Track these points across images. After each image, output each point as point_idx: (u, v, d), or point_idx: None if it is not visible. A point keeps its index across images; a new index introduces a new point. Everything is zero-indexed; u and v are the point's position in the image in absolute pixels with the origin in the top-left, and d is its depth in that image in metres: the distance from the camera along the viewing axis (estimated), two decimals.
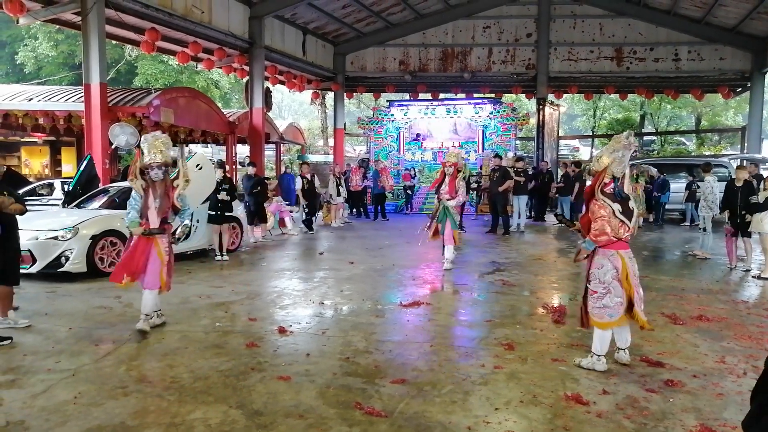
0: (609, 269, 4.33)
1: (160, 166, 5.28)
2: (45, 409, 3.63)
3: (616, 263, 4.32)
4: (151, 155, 5.26)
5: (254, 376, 4.21)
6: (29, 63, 24.91)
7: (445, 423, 3.49)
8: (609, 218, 4.29)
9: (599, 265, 4.37)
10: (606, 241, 4.31)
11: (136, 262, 5.28)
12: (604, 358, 4.37)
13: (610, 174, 4.35)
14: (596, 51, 19.13)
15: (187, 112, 14.23)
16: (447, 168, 8.37)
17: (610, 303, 4.33)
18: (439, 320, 5.77)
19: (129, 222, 5.32)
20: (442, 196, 8.34)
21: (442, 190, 8.39)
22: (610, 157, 4.35)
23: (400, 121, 19.72)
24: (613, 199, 4.32)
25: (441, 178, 8.50)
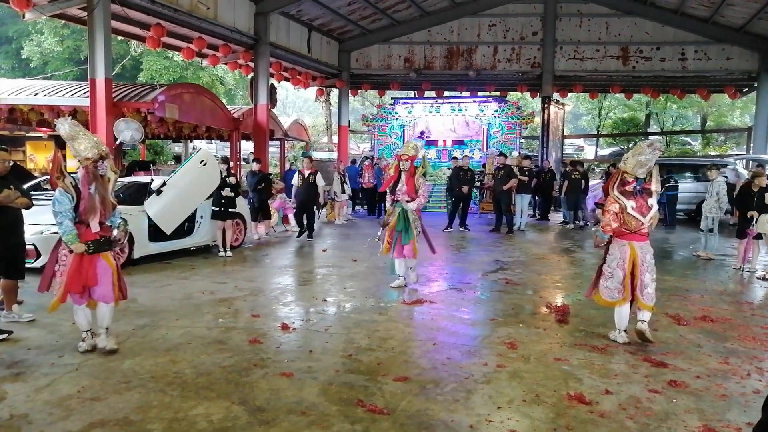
0: (616, 257, 5.00)
1: (104, 159, 4.55)
2: (48, 403, 3.64)
3: (625, 254, 4.95)
4: (99, 145, 4.54)
5: (257, 373, 4.22)
6: (35, 58, 24.95)
7: (447, 421, 3.48)
8: (618, 213, 4.94)
9: (611, 252, 5.08)
10: (610, 231, 5.01)
11: (85, 276, 4.47)
12: (624, 333, 5.07)
13: (633, 174, 4.93)
14: (602, 50, 19.04)
15: (192, 108, 14.23)
16: (403, 162, 6.90)
17: (611, 286, 5.04)
18: (442, 318, 5.76)
19: (66, 236, 4.37)
20: (399, 197, 6.93)
21: (399, 190, 6.94)
22: (634, 161, 4.92)
23: (404, 119, 19.70)
24: (628, 197, 4.94)
25: (396, 176, 7.00)
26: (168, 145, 26.90)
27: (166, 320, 5.55)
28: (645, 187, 5.01)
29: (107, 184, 4.60)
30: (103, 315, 4.60)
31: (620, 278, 4.94)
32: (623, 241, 4.97)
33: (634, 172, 4.92)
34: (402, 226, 6.88)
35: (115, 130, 11.25)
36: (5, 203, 5.18)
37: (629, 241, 4.95)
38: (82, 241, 4.42)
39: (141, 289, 6.87)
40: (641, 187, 4.98)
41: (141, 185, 9.21)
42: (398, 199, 6.91)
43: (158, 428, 3.34)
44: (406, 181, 6.89)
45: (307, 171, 11.28)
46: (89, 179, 4.46)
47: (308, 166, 11.49)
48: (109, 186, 4.63)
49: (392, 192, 6.99)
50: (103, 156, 4.51)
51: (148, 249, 8.44)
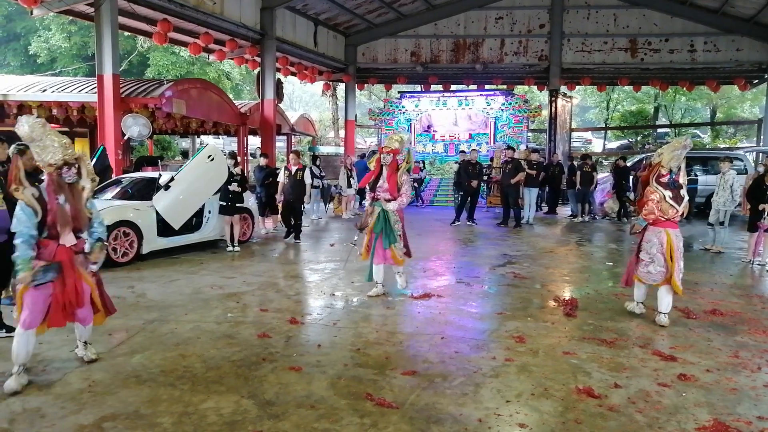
0: (655, 243, 5.45)
1: (70, 165, 3.90)
2: (60, 397, 3.67)
3: (662, 239, 5.42)
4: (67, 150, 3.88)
5: (266, 367, 4.24)
6: (43, 54, 25.05)
7: (456, 415, 3.49)
8: (659, 202, 5.38)
9: (648, 239, 5.50)
10: (654, 219, 5.43)
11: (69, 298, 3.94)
12: (642, 305, 5.69)
13: (668, 167, 5.40)
14: (610, 42, 18.90)
15: (199, 103, 14.27)
16: (384, 156, 6.16)
17: (653, 270, 5.47)
18: (450, 312, 5.76)
19: (19, 260, 3.72)
20: (379, 195, 6.19)
21: (379, 187, 6.19)
22: (670, 155, 5.38)
23: (411, 113, 19.67)
24: (665, 187, 5.40)
25: (377, 171, 6.24)
26: (175, 141, 27.00)
27: (175, 315, 5.58)
28: (675, 180, 5.46)
29: (80, 194, 3.98)
30: (81, 331, 4.24)
31: (662, 262, 5.42)
32: (659, 229, 5.44)
33: (670, 165, 5.40)
34: (381, 227, 6.14)
35: (123, 125, 11.31)
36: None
37: (665, 228, 5.42)
38: (55, 260, 3.88)
39: (150, 284, 6.91)
40: (673, 181, 5.44)
41: (149, 180, 9.25)
42: (378, 198, 6.19)
43: (168, 422, 3.36)
44: (387, 178, 6.12)
45: (295, 167, 10.41)
46: (54, 189, 3.85)
47: (295, 161, 10.54)
48: (84, 195, 4.00)
49: (372, 189, 6.25)
50: (69, 162, 3.87)
51: (157, 244, 8.48)
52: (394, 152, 6.16)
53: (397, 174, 6.16)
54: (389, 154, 6.14)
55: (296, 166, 10.43)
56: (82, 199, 4.00)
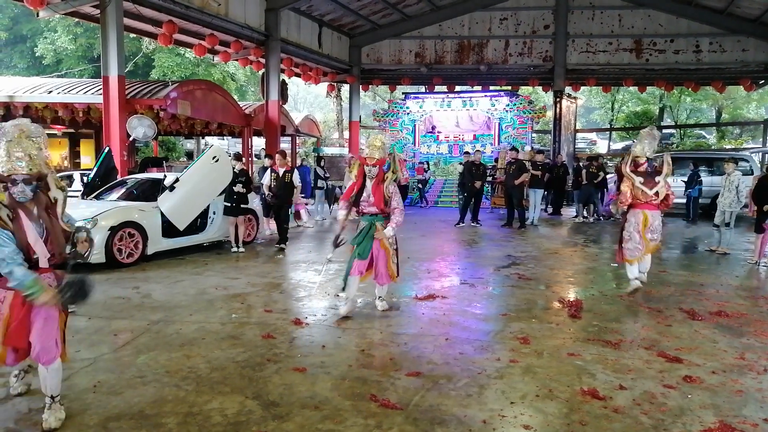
0: (632, 223, 6.33)
1: (28, 181, 3.25)
2: (66, 398, 3.68)
3: (639, 219, 6.28)
4: (13, 161, 3.24)
5: (270, 368, 4.24)
6: (48, 56, 25.18)
7: (460, 416, 3.48)
8: (632, 187, 6.25)
9: (628, 220, 6.39)
10: (624, 204, 6.35)
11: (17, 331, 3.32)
12: (637, 281, 6.38)
13: (644, 156, 6.29)
14: (615, 43, 18.88)
15: (204, 104, 14.31)
16: (368, 168, 5.43)
17: (631, 247, 6.33)
18: (454, 313, 5.75)
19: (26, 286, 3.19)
20: (365, 209, 5.52)
21: (364, 201, 5.50)
22: (641, 145, 6.30)
23: (415, 114, 19.68)
24: (638, 174, 6.26)
25: (360, 183, 5.51)
26: (180, 142, 27.08)
27: (179, 315, 5.59)
28: (657, 170, 6.31)
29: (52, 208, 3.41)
30: (49, 379, 3.37)
31: (638, 239, 6.29)
32: (638, 210, 6.31)
33: (645, 154, 6.28)
34: (361, 240, 5.49)
35: (128, 126, 11.36)
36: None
37: (642, 209, 6.28)
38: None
39: (155, 284, 6.93)
40: (653, 168, 6.32)
41: (154, 181, 9.28)
42: (365, 212, 5.53)
43: (173, 422, 3.37)
44: (372, 190, 5.45)
45: (282, 169, 9.69)
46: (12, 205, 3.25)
47: (282, 162, 9.75)
48: (57, 209, 3.45)
49: (355, 203, 5.53)
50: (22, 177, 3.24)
51: (162, 245, 8.51)
52: (379, 163, 5.43)
53: (383, 185, 5.47)
54: (375, 166, 5.42)
55: (284, 168, 9.74)
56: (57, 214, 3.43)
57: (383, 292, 5.85)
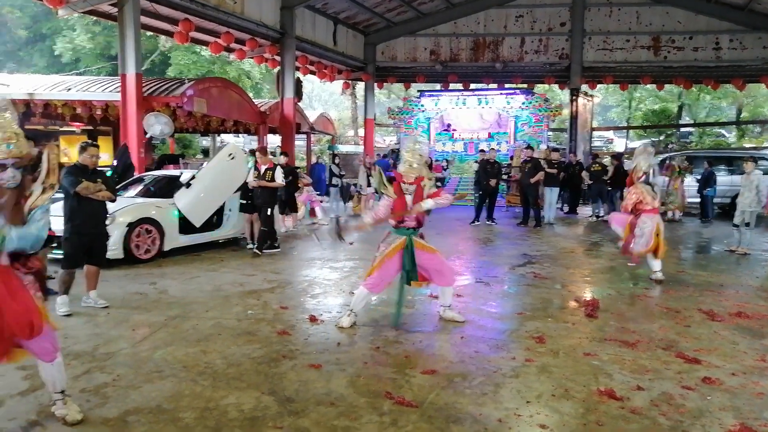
0: (649, 225, 7.06)
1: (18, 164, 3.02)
2: (85, 390, 3.73)
3: (654, 221, 7.10)
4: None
5: (286, 364, 4.26)
6: (67, 54, 25.46)
7: (475, 415, 3.47)
8: (642, 195, 7.07)
9: (644, 221, 7.08)
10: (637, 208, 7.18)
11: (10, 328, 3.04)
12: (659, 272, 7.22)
13: (643, 171, 7.18)
14: (632, 40, 18.66)
15: (220, 102, 14.39)
16: (406, 187, 5.12)
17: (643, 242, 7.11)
18: (470, 312, 5.73)
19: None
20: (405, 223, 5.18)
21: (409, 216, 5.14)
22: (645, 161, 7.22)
23: (430, 112, 19.62)
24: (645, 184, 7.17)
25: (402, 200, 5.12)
26: (196, 139, 27.27)
27: (196, 311, 5.64)
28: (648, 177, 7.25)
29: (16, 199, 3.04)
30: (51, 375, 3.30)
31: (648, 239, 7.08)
32: (651, 214, 7.11)
33: (644, 169, 7.18)
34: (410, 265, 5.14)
35: (145, 124, 11.45)
36: (86, 194, 5.36)
37: (655, 214, 7.15)
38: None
39: (171, 280, 6.99)
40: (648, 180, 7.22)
41: (171, 178, 9.36)
42: (402, 225, 5.19)
43: (191, 417, 3.40)
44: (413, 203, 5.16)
45: (264, 166, 9.01)
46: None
47: (263, 160, 9.07)
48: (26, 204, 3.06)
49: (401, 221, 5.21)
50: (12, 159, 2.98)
51: (178, 241, 8.58)
52: (417, 181, 5.15)
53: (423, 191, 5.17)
54: (412, 184, 5.12)
55: (265, 165, 9.00)
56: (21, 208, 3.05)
57: (448, 299, 5.43)
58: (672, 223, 13.74)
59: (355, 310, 5.25)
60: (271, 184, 8.87)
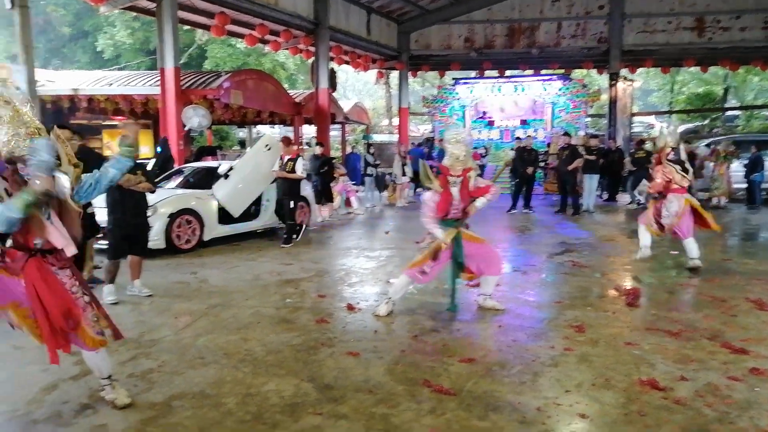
0: (675, 204, 6.90)
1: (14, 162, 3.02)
2: (132, 376, 3.86)
3: (681, 201, 6.89)
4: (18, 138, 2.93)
5: (324, 351, 4.31)
6: (108, 50, 26.11)
7: (514, 403, 3.46)
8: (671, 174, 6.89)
9: (669, 201, 6.93)
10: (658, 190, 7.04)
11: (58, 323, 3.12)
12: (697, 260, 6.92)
13: (669, 147, 7.06)
14: (675, 21, 18.05)
15: (256, 93, 14.55)
16: (452, 179, 5.06)
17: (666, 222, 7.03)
18: (507, 300, 5.68)
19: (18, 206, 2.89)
20: (452, 214, 5.13)
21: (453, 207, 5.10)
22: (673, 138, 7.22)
23: (465, 99, 19.42)
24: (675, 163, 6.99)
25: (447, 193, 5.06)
26: (233, 131, 27.67)
27: (236, 300, 5.76)
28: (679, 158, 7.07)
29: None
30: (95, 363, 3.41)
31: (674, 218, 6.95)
32: (678, 194, 6.90)
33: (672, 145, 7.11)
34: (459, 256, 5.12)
35: (183, 117, 11.68)
36: (128, 186, 5.53)
37: (682, 194, 6.93)
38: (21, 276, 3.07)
39: (212, 270, 7.14)
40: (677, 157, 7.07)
41: (209, 170, 9.53)
42: (450, 217, 5.15)
43: (233, 402, 3.48)
44: (459, 195, 5.11)
45: (287, 156, 8.81)
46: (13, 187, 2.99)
47: (287, 150, 8.82)
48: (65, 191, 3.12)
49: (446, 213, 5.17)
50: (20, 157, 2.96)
51: (218, 231, 8.75)
52: (464, 173, 5.08)
53: (469, 183, 5.12)
54: (460, 175, 5.05)
55: (288, 156, 8.81)
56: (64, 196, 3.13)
57: (490, 289, 5.39)
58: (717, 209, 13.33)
59: (393, 299, 5.28)
60: (290, 175, 8.66)
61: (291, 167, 8.68)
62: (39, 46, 25.05)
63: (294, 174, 8.69)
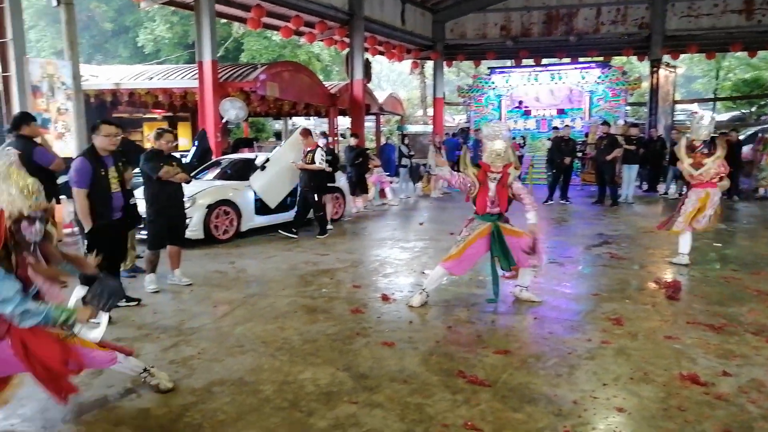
0: (692, 200, 6.63)
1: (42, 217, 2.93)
2: (174, 362, 3.98)
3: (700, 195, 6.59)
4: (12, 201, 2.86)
5: (359, 341, 4.36)
6: (148, 45, 26.68)
7: (550, 395, 3.44)
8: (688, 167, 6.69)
9: (688, 197, 6.70)
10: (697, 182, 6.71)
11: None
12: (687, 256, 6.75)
13: (699, 139, 6.66)
14: (721, 4, 17.36)
15: (291, 85, 14.67)
16: (492, 175, 5.10)
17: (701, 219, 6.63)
18: (543, 292, 5.62)
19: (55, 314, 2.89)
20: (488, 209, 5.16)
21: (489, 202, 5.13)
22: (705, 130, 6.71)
23: (501, 89, 19.17)
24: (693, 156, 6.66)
25: (485, 187, 5.11)
26: (269, 123, 27.98)
27: (273, 289, 5.85)
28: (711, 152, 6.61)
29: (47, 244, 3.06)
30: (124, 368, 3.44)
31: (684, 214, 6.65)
32: (699, 189, 6.63)
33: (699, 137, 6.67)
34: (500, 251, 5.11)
35: (221, 109, 11.87)
36: (166, 178, 5.68)
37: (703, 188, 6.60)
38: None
39: (249, 260, 7.28)
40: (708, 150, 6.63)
41: (246, 161, 9.68)
42: (486, 212, 5.16)
43: (270, 390, 3.56)
44: (498, 193, 5.11)
45: (307, 147, 8.70)
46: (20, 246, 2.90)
47: (306, 142, 8.71)
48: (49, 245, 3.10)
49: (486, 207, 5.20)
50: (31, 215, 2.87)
51: (254, 222, 8.89)
52: (504, 169, 5.10)
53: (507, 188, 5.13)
54: (500, 173, 5.08)
55: (308, 147, 8.69)
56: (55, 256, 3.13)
57: (528, 280, 5.36)
58: (763, 201, 12.87)
59: (427, 290, 5.30)
60: (310, 166, 8.59)
61: (311, 159, 8.61)
62: (83, 41, 25.76)
63: (314, 165, 8.61)
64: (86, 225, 4.80)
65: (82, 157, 4.82)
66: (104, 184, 4.81)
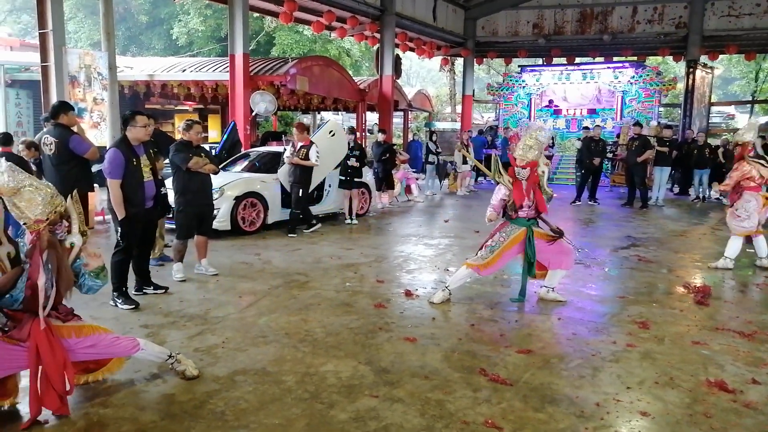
0: (753, 203, 6.56)
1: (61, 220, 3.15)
2: (199, 350, 4.05)
3: (759, 200, 6.59)
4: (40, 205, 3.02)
5: (382, 336, 4.38)
6: (182, 38, 27.07)
7: (572, 397, 3.41)
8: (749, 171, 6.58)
9: (746, 200, 6.58)
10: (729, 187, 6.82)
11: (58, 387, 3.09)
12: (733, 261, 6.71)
13: (750, 144, 6.78)
14: (764, 4, 16.83)
15: (321, 80, 14.74)
16: (518, 170, 5.03)
17: (748, 225, 6.61)
18: (568, 293, 5.56)
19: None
20: (524, 212, 5.09)
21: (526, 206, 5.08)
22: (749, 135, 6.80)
23: (531, 87, 18.99)
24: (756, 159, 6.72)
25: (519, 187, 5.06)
26: (298, 117, 28.18)
27: (297, 282, 5.91)
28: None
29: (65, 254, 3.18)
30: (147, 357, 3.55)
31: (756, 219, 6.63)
32: (754, 191, 6.59)
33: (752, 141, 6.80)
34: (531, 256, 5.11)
35: (251, 102, 12.00)
36: (195, 169, 5.78)
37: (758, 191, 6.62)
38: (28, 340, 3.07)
39: (275, 252, 7.35)
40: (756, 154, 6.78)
41: (275, 154, 9.76)
42: (521, 216, 5.09)
43: (292, 380, 3.60)
44: (533, 194, 5.10)
45: (300, 143, 8.51)
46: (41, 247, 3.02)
47: (300, 137, 8.55)
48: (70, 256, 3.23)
49: (514, 210, 5.09)
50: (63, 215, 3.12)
51: (281, 214, 8.96)
52: (531, 165, 4.98)
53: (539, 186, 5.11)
54: (525, 168, 4.99)
55: (301, 142, 8.50)
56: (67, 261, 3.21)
57: (556, 282, 5.32)
58: None
59: (450, 288, 5.28)
60: (304, 162, 8.45)
61: (304, 154, 8.43)
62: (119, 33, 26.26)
63: (307, 161, 8.43)
64: (119, 214, 4.91)
65: (115, 148, 4.93)
66: (137, 174, 4.92)
